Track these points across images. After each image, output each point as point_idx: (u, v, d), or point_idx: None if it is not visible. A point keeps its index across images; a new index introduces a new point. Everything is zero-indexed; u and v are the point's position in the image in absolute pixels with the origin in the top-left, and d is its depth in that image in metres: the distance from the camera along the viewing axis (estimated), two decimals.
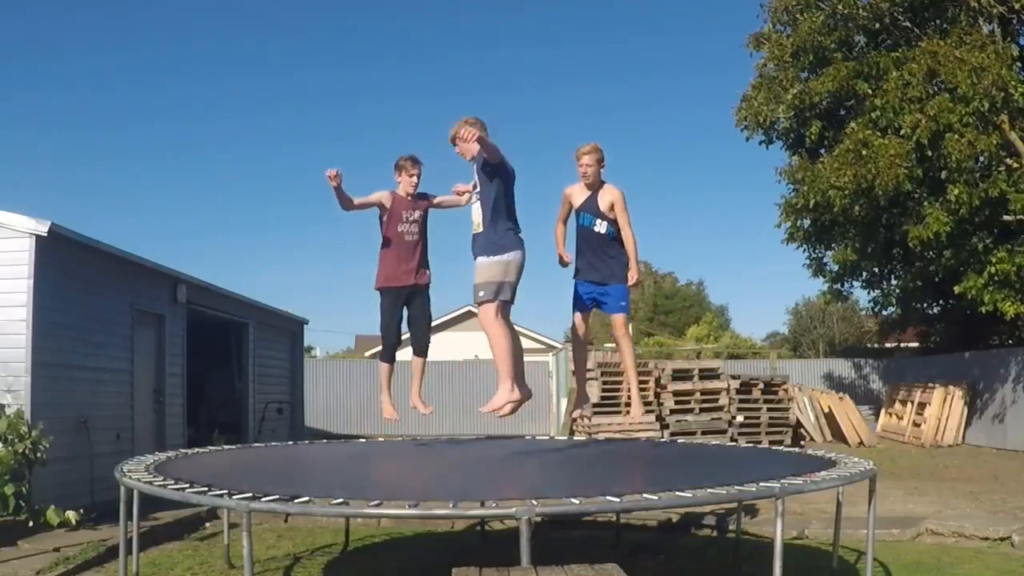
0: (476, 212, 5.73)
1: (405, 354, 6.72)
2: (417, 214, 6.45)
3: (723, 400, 17.42)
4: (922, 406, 18.94)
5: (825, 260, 19.82)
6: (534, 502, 4.28)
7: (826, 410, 19.57)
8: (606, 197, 6.14)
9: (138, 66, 63.08)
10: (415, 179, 6.42)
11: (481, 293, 5.61)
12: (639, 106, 69.82)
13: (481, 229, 5.67)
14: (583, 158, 6.15)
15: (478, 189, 5.73)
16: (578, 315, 6.37)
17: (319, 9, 63.48)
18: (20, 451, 7.70)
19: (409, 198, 6.44)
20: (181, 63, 64.43)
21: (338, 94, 68.32)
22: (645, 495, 4.55)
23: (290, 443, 8.31)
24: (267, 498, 4.41)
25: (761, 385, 17.96)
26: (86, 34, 63.07)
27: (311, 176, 70.01)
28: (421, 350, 6.64)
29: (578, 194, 6.25)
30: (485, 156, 5.56)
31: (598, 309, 6.44)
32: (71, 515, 7.88)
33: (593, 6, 66.38)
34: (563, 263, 6.40)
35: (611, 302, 6.23)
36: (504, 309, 5.67)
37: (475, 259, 5.72)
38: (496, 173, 5.61)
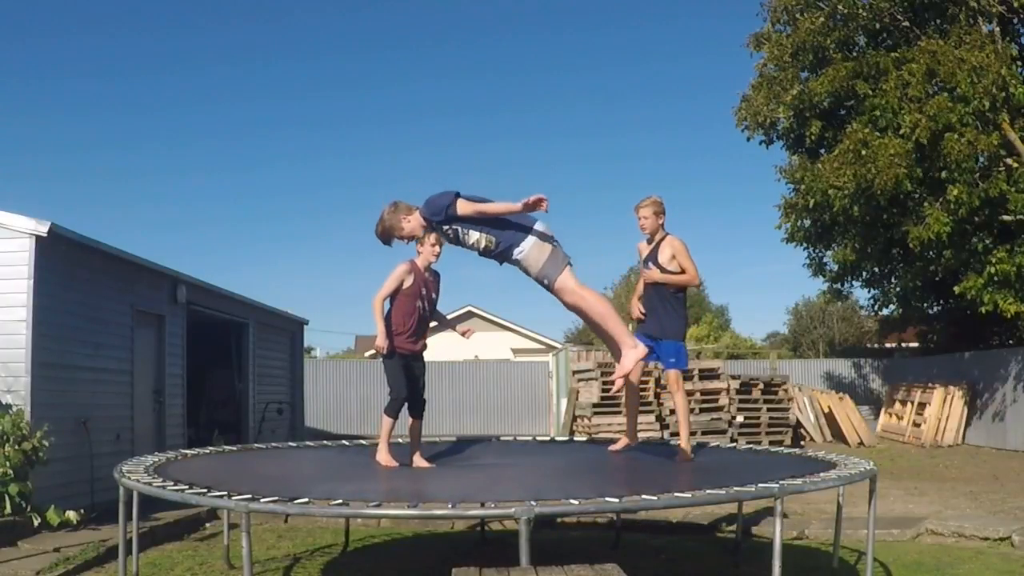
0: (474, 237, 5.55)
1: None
2: (434, 295, 6.34)
3: (723, 400, 17.43)
4: (922, 406, 18.94)
5: (825, 260, 19.83)
6: (533, 502, 4.29)
7: (826, 410, 19.58)
8: (666, 250, 6.34)
9: (137, 67, 63.15)
10: (438, 249, 6.23)
11: (548, 274, 5.39)
12: (638, 106, 69.82)
13: (492, 245, 5.47)
14: (640, 211, 6.37)
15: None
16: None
17: (326, 19, 63.53)
18: (26, 450, 7.71)
19: (427, 272, 6.29)
20: (183, 63, 64.49)
21: (340, 96, 68.38)
22: (644, 496, 4.56)
23: (291, 444, 8.32)
24: (266, 499, 4.41)
25: (761, 385, 17.97)
26: (85, 37, 63.11)
27: (312, 177, 70.00)
28: (419, 412, 6.51)
29: (644, 247, 6.51)
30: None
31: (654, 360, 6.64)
32: (71, 515, 7.88)
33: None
34: (631, 315, 6.67)
35: (663, 357, 6.42)
36: (573, 271, 5.46)
37: (512, 262, 5.50)
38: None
